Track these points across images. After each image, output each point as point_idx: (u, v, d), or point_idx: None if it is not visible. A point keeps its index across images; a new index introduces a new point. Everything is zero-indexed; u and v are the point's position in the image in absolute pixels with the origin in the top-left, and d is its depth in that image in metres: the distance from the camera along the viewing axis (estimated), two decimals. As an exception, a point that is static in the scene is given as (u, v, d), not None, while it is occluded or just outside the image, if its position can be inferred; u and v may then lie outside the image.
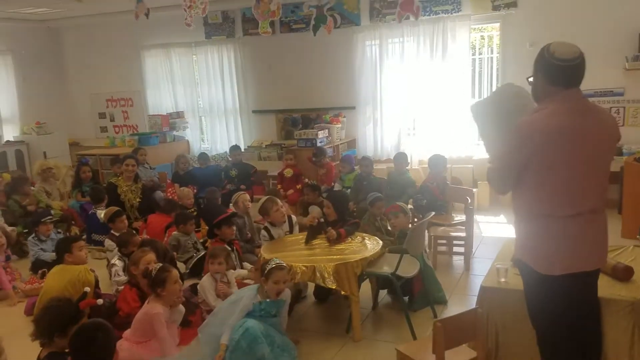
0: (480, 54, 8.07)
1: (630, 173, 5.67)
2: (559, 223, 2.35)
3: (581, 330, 2.46)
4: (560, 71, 2.33)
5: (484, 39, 8.07)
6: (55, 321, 2.77)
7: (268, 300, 3.58)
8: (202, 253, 5.20)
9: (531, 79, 2.48)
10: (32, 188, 7.05)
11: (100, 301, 3.91)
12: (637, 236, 4.98)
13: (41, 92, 10.00)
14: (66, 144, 9.95)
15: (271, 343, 3.49)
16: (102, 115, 10.27)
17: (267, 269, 3.59)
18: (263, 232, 4.81)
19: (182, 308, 3.72)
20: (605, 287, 2.92)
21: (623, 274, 3.08)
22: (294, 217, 5.12)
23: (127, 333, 3.55)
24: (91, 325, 2.47)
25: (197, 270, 5.03)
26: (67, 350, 2.65)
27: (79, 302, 3.10)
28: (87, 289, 3.87)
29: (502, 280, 3.16)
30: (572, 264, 2.35)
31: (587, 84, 2.48)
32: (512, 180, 2.43)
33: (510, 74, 7.23)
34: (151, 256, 4.08)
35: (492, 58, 7.84)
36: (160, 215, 6.13)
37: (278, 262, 3.64)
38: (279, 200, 4.94)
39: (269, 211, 4.78)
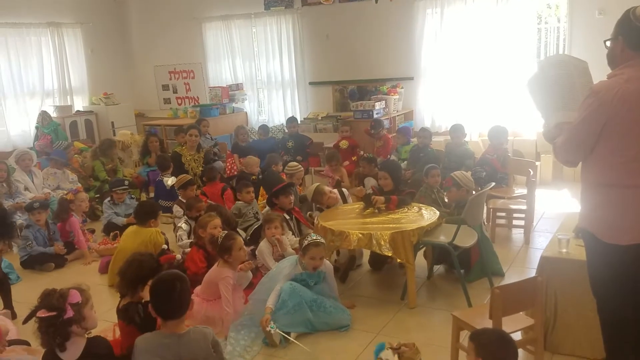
0: (546, 23, 7.76)
1: None
2: (629, 192, 2.30)
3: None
4: None
5: (550, 7, 7.73)
6: (140, 273, 2.98)
7: (307, 271, 3.71)
8: (260, 222, 5.37)
9: (608, 43, 2.40)
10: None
11: (178, 257, 4.34)
12: None
13: (108, 64, 10.39)
14: (132, 114, 10.34)
15: (319, 306, 3.63)
16: (165, 87, 10.58)
17: (304, 244, 3.70)
18: (317, 212, 4.94)
19: (250, 274, 3.93)
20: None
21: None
22: (345, 191, 5.22)
23: (197, 289, 3.79)
24: (170, 275, 2.65)
25: (255, 238, 5.21)
26: (143, 301, 2.86)
27: (159, 257, 3.35)
28: (165, 246, 4.30)
29: (564, 250, 3.14)
30: (640, 234, 2.31)
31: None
32: (586, 148, 2.36)
33: (578, 44, 6.93)
34: (217, 221, 4.33)
35: (558, 28, 7.52)
36: (211, 185, 6.20)
37: (315, 237, 3.73)
38: (325, 187, 5.06)
39: (322, 200, 4.92)
